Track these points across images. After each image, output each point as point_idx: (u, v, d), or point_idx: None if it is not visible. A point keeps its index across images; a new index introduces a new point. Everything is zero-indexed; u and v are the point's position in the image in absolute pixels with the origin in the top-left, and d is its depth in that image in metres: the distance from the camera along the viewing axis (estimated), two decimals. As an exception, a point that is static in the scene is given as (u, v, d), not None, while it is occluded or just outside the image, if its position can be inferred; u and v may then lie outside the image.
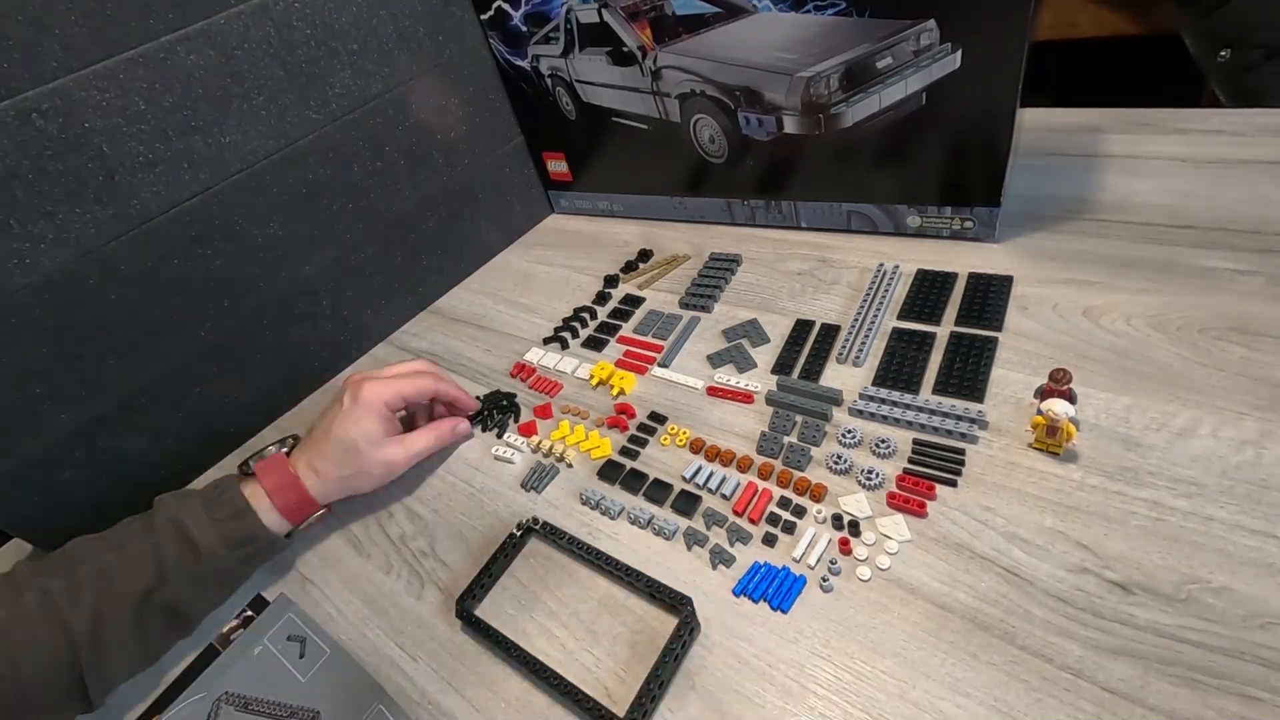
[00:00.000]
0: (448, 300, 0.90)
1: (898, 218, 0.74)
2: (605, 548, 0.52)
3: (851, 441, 0.54)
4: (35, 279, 0.57)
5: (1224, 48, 0.96)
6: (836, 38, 0.64)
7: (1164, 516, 0.44)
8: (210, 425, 0.72)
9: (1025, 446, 0.50)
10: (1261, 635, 0.37)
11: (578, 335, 0.76)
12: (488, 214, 0.93)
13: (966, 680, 0.39)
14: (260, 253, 0.71)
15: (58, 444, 0.62)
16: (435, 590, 0.54)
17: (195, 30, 0.61)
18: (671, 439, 0.60)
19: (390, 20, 0.75)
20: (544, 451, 0.62)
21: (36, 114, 0.54)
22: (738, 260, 0.79)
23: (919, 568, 0.45)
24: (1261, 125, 0.74)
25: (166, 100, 0.60)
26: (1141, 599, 0.40)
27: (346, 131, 0.74)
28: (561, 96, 0.87)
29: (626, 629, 0.47)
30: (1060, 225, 0.69)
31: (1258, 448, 0.46)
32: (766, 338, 0.68)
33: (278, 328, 0.75)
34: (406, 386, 0.60)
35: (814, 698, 0.41)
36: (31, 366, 0.59)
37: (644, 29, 0.74)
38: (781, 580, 0.47)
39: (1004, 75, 0.59)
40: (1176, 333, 0.55)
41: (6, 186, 0.54)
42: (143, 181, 0.61)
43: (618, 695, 0.44)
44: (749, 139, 0.75)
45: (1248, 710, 0.35)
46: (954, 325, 0.62)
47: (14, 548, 0.71)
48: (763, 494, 0.53)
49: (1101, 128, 0.81)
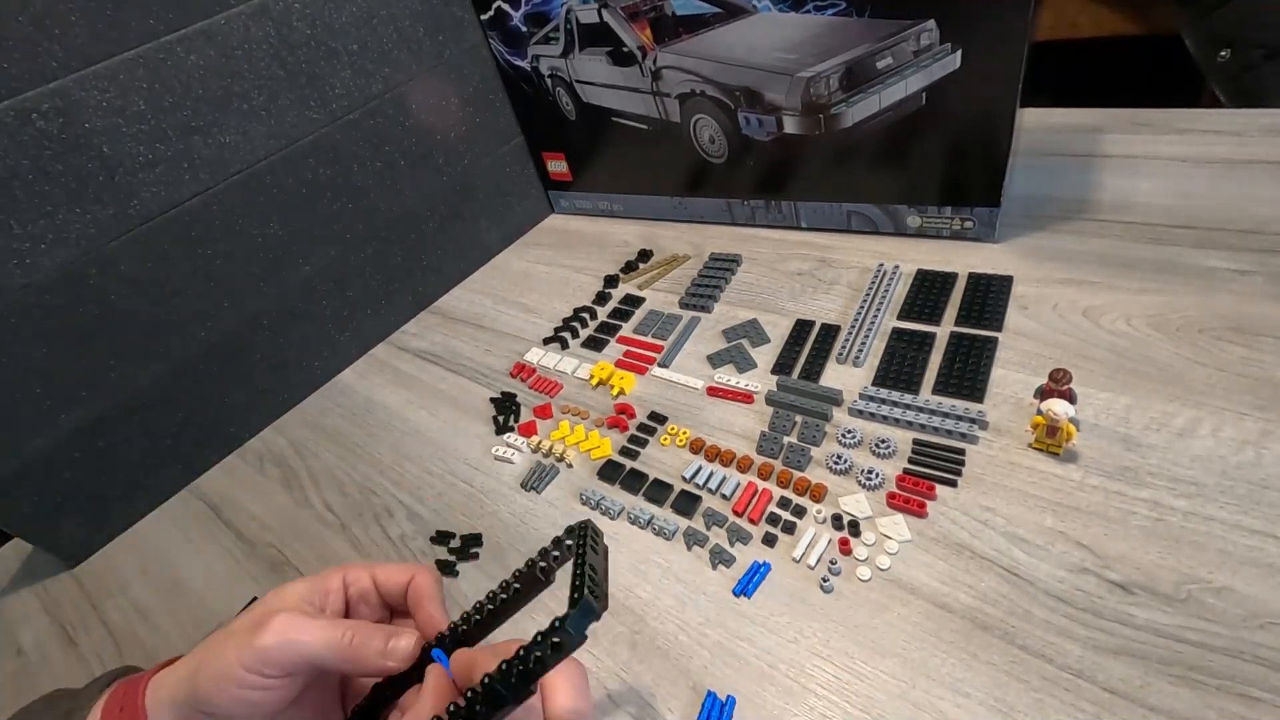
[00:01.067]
0: (448, 300, 0.90)
1: (898, 218, 0.74)
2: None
3: (851, 441, 0.54)
4: (35, 279, 0.57)
5: (1224, 48, 0.96)
6: (836, 38, 0.64)
7: (1164, 516, 0.44)
8: (210, 425, 0.72)
9: (1025, 447, 0.50)
10: (1261, 635, 0.37)
11: (578, 335, 0.76)
12: (488, 214, 0.93)
13: (966, 680, 0.39)
14: (260, 253, 0.71)
15: (58, 444, 0.62)
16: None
17: (195, 30, 0.61)
18: (671, 439, 0.60)
19: (390, 20, 0.75)
20: (544, 451, 0.62)
21: (36, 114, 0.54)
22: (738, 260, 0.79)
23: (919, 568, 0.45)
24: (1261, 125, 0.74)
25: (166, 100, 0.60)
26: (1141, 599, 0.40)
27: (346, 131, 0.74)
28: (561, 96, 0.87)
29: (626, 629, 0.47)
30: (1060, 225, 0.69)
31: (1258, 448, 0.46)
32: (766, 338, 0.68)
33: (278, 328, 0.75)
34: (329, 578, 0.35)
35: (814, 698, 0.41)
36: (31, 366, 0.59)
37: (644, 29, 0.74)
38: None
39: (1004, 75, 0.59)
40: (1176, 333, 0.55)
41: (6, 186, 0.54)
42: (143, 181, 0.61)
43: (618, 695, 0.44)
44: (749, 139, 0.75)
45: (1248, 710, 0.35)
46: (954, 325, 0.62)
47: (14, 548, 0.71)
48: (763, 494, 0.53)
49: (1101, 128, 0.81)
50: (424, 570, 0.36)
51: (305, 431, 0.75)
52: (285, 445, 0.73)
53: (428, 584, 0.35)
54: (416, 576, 0.35)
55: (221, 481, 0.72)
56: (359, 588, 0.35)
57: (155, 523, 0.69)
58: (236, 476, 0.72)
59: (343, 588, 0.35)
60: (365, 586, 0.35)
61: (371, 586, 0.35)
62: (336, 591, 0.35)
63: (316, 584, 0.34)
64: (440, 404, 0.72)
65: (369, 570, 0.36)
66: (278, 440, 0.75)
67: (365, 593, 0.35)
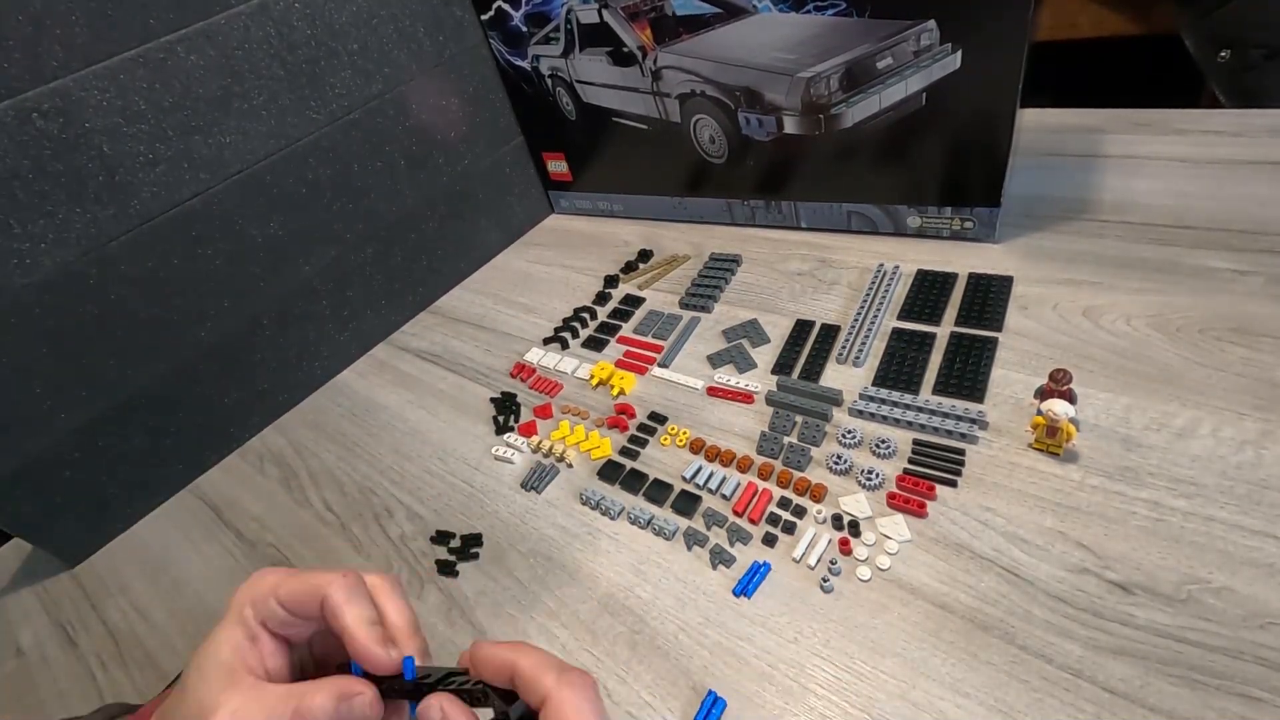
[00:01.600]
0: (448, 300, 0.90)
1: (898, 218, 0.74)
2: (605, 547, 0.53)
3: (851, 442, 0.54)
4: (36, 279, 0.57)
5: (1224, 48, 0.96)
6: (837, 38, 0.64)
7: (1164, 517, 0.44)
8: (210, 425, 0.72)
9: (1025, 447, 0.50)
10: (1261, 635, 0.37)
11: (578, 335, 0.76)
12: (488, 214, 0.93)
13: (966, 680, 0.39)
14: (260, 253, 0.71)
15: (58, 444, 0.62)
16: (435, 590, 0.54)
17: (195, 30, 0.61)
18: (671, 439, 0.60)
19: (390, 20, 0.75)
20: (544, 451, 0.62)
21: (37, 114, 0.54)
22: (738, 260, 0.79)
23: (919, 568, 0.45)
24: (1261, 125, 0.74)
25: (166, 100, 0.60)
26: (1141, 599, 0.40)
27: (346, 131, 0.74)
28: (561, 96, 0.87)
29: (626, 629, 0.47)
30: (1060, 225, 0.69)
31: (1258, 448, 0.46)
32: (766, 338, 0.68)
33: (278, 328, 0.75)
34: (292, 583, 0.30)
35: (814, 698, 0.41)
36: (31, 366, 0.59)
37: (644, 29, 0.74)
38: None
39: (1004, 75, 0.59)
40: (1176, 333, 0.55)
41: (7, 186, 0.54)
42: (143, 181, 0.61)
43: (618, 695, 0.44)
44: (749, 139, 0.75)
45: (1248, 710, 0.35)
46: (954, 325, 0.62)
47: (14, 548, 0.71)
48: (763, 494, 0.53)
49: (1101, 128, 0.81)
50: (337, 581, 0.28)
51: (305, 431, 0.75)
52: (285, 445, 0.73)
53: (338, 601, 0.28)
54: (328, 593, 0.28)
55: (221, 481, 0.72)
56: (277, 620, 0.29)
57: (155, 523, 0.69)
58: (236, 476, 0.72)
59: (268, 634, 0.29)
60: (281, 618, 0.29)
61: (286, 615, 0.29)
62: (265, 640, 0.29)
63: (238, 638, 0.28)
64: (440, 404, 0.72)
65: (274, 593, 0.29)
66: (278, 440, 0.75)
67: (285, 623, 0.29)
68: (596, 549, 0.53)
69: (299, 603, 0.29)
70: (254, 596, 0.29)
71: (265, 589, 0.29)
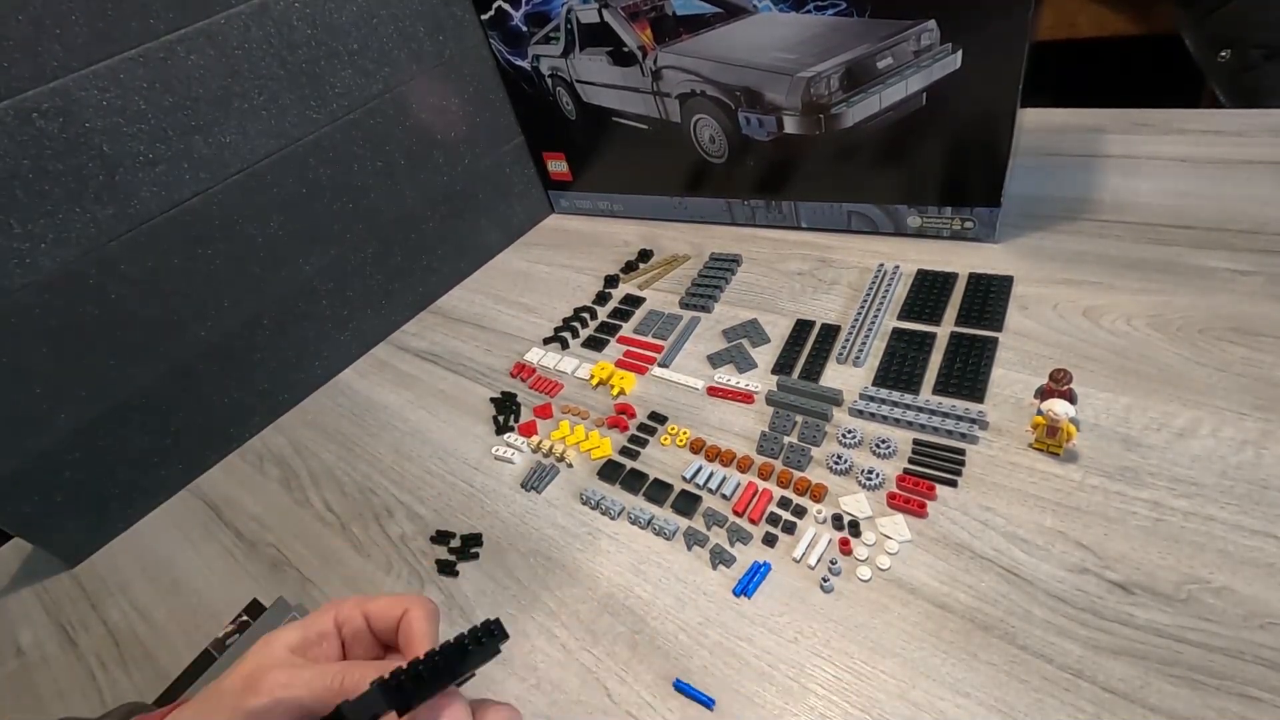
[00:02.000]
0: (448, 300, 0.90)
1: (898, 218, 0.74)
2: (605, 547, 0.53)
3: (851, 441, 0.54)
4: (36, 279, 0.57)
5: (1224, 48, 0.96)
6: (837, 38, 0.64)
7: (1164, 516, 0.44)
8: (210, 425, 0.72)
9: (1025, 447, 0.50)
10: (1261, 635, 0.37)
11: (578, 335, 0.76)
12: (488, 214, 0.93)
13: (966, 680, 0.39)
14: (260, 253, 0.71)
15: (57, 444, 0.62)
16: (435, 590, 0.54)
17: (195, 30, 0.61)
18: (671, 439, 0.60)
19: (390, 20, 0.75)
20: (544, 451, 0.62)
21: (37, 114, 0.54)
22: (738, 260, 0.79)
23: (919, 568, 0.45)
24: (1261, 125, 0.74)
25: (166, 100, 0.60)
26: (1141, 599, 0.40)
27: (346, 131, 0.74)
28: (562, 96, 0.87)
29: (626, 629, 0.47)
30: (1060, 225, 0.69)
31: (1258, 448, 0.46)
32: (766, 338, 0.68)
33: (278, 328, 0.75)
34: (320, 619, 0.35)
35: (814, 698, 0.41)
36: (31, 366, 0.59)
37: (644, 29, 0.74)
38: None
39: (1004, 75, 0.59)
40: (1176, 333, 0.55)
41: (7, 186, 0.54)
42: (143, 181, 0.61)
43: (618, 695, 0.44)
44: (749, 139, 0.75)
45: (1248, 710, 0.35)
46: (954, 325, 0.62)
47: (14, 548, 0.71)
48: (763, 494, 0.53)
49: (1101, 128, 0.81)
50: (419, 603, 0.34)
51: (305, 431, 0.75)
52: (285, 445, 0.73)
53: (419, 620, 0.33)
54: (410, 611, 0.34)
55: (221, 481, 0.72)
56: (352, 627, 0.34)
57: (155, 523, 0.69)
58: (236, 476, 0.72)
59: (336, 630, 0.34)
60: (358, 626, 0.34)
61: (365, 626, 0.34)
62: (330, 636, 0.34)
63: (309, 629, 0.33)
64: (440, 404, 0.72)
65: (361, 607, 0.34)
66: (278, 440, 0.75)
67: (358, 633, 0.34)
68: (596, 549, 0.53)
69: (381, 615, 0.34)
70: (339, 610, 0.34)
71: (353, 602, 0.35)
